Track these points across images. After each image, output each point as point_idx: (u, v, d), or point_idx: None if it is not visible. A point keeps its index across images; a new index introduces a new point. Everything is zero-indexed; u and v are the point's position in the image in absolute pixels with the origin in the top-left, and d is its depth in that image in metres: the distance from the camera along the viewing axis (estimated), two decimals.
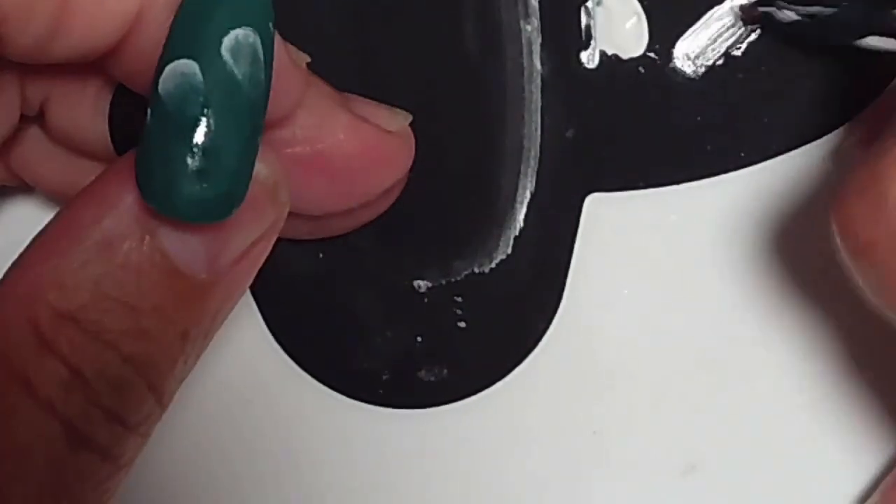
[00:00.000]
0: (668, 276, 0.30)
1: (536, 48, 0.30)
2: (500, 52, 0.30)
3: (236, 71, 0.21)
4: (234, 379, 0.31)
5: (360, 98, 0.27)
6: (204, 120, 0.21)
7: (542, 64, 0.30)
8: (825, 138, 0.30)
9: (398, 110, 0.27)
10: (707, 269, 0.30)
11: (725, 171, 0.30)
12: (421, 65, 0.30)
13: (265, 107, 0.22)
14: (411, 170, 0.28)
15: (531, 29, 0.30)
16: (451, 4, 0.30)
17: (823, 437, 0.30)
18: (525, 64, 0.30)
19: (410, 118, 0.27)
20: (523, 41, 0.30)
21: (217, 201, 0.22)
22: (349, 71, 0.30)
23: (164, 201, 0.21)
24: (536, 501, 0.30)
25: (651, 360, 0.30)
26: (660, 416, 0.30)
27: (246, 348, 0.31)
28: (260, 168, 0.23)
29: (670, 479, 0.30)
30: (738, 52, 0.30)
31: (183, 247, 0.22)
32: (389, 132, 0.27)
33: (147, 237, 0.22)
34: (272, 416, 0.31)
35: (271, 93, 0.22)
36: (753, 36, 0.30)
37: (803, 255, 0.30)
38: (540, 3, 0.30)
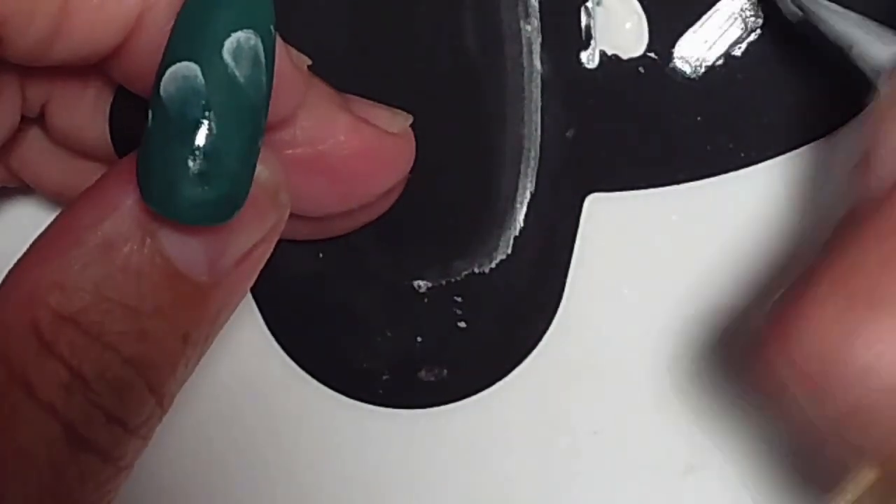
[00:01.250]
0: (668, 277, 0.30)
1: (536, 48, 0.30)
2: (500, 52, 0.30)
3: (238, 73, 0.21)
4: (234, 379, 0.31)
5: (361, 99, 0.27)
6: (205, 123, 0.21)
7: (543, 64, 0.30)
8: (825, 138, 0.30)
9: (399, 111, 0.27)
10: (707, 269, 0.30)
11: (725, 172, 0.30)
12: (421, 65, 0.30)
13: (266, 109, 0.22)
14: (411, 170, 0.28)
15: (531, 29, 0.30)
16: (451, 4, 0.30)
17: None
18: (525, 64, 0.30)
19: (411, 119, 0.27)
20: (523, 41, 0.30)
21: (218, 204, 0.22)
22: (349, 71, 0.29)
23: (165, 204, 0.21)
24: (536, 501, 0.30)
25: (651, 360, 0.30)
26: (660, 416, 0.30)
27: (246, 348, 0.31)
28: (261, 170, 0.23)
29: (670, 479, 0.30)
30: (737, 53, 0.30)
31: (184, 249, 0.22)
32: (390, 133, 0.27)
33: (148, 239, 0.22)
34: (272, 416, 0.31)
35: (272, 95, 0.22)
36: (753, 36, 0.30)
37: (802, 255, 0.30)
38: (540, 3, 0.30)
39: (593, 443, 0.30)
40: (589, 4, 0.30)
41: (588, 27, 0.30)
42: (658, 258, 0.30)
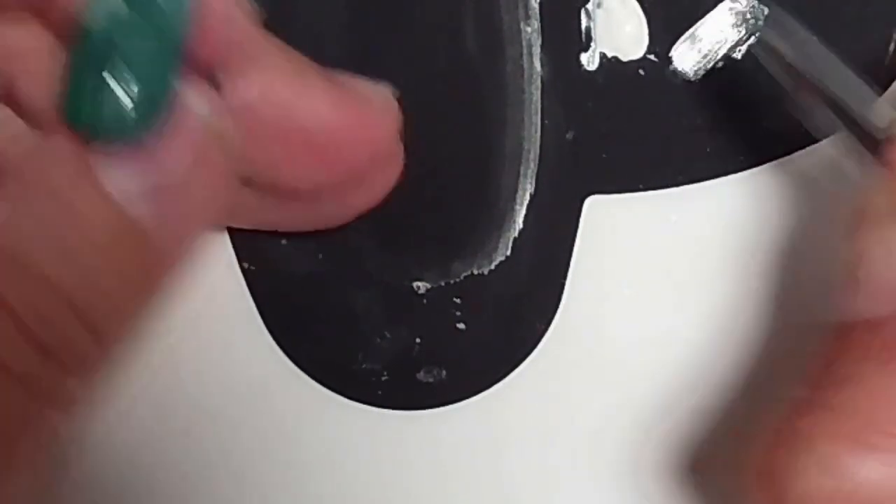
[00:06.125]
0: (667, 277, 0.30)
1: (536, 50, 0.30)
2: (501, 53, 0.30)
3: None
4: (234, 380, 0.31)
5: (342, 74, 0.27)
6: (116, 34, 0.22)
7: (542, 66, 0.30)
8: (826, 140, 0.30)
9: (380, 84, 0.27)
10: (706, 270, 0.30)
11: (725, 174, 0.30)
12: (421, 65, 0.30)
13: (182, 22, 0.22)
14: (411, 171, 0.28)
15: (531, 30, 0.30)
16: (451, 5, 0.30)
17: None
18: (525, 65, 0.30)
19: (394, 92, 0.27)
20: (523, 43, 0.30)
21: (138, 111, 0.22)
22: (349, 71, 0.30)
23: (85, 120, 0.22)
24: (536, 501, 0.30)
25: (651, 360, 0.30)
26: (660, 416, 0.30)
27: (246, 349, 0.31)
28: (197, 105, 0.23)
29: (670, 479, 0.30)
30: (737, 55, 0.30)
31: (117, 176, 0.22)
32: (370, 101, 0.26)
33: (81, 166, 0.22)
34: (272, 417, 0.31)
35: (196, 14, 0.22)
36: (753, 39, 0.30)
37: (801, 255, 0.30)
38: (540, 4, 0.30)
39: (593, 443, 0.30)
40: (589, 6, 0.30)
41: (588, 29, 0.30)
42: (658, 259, 0.30)
